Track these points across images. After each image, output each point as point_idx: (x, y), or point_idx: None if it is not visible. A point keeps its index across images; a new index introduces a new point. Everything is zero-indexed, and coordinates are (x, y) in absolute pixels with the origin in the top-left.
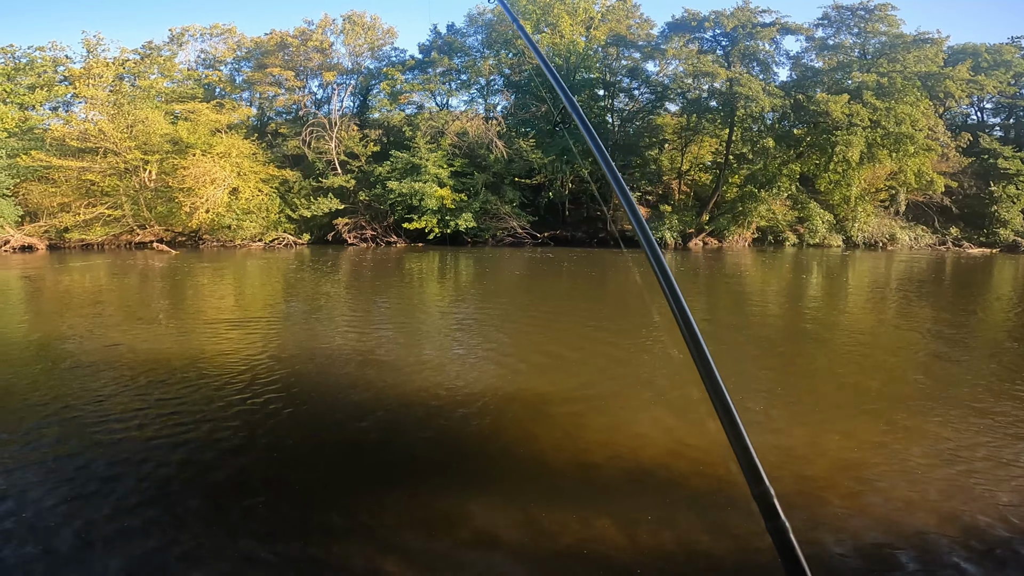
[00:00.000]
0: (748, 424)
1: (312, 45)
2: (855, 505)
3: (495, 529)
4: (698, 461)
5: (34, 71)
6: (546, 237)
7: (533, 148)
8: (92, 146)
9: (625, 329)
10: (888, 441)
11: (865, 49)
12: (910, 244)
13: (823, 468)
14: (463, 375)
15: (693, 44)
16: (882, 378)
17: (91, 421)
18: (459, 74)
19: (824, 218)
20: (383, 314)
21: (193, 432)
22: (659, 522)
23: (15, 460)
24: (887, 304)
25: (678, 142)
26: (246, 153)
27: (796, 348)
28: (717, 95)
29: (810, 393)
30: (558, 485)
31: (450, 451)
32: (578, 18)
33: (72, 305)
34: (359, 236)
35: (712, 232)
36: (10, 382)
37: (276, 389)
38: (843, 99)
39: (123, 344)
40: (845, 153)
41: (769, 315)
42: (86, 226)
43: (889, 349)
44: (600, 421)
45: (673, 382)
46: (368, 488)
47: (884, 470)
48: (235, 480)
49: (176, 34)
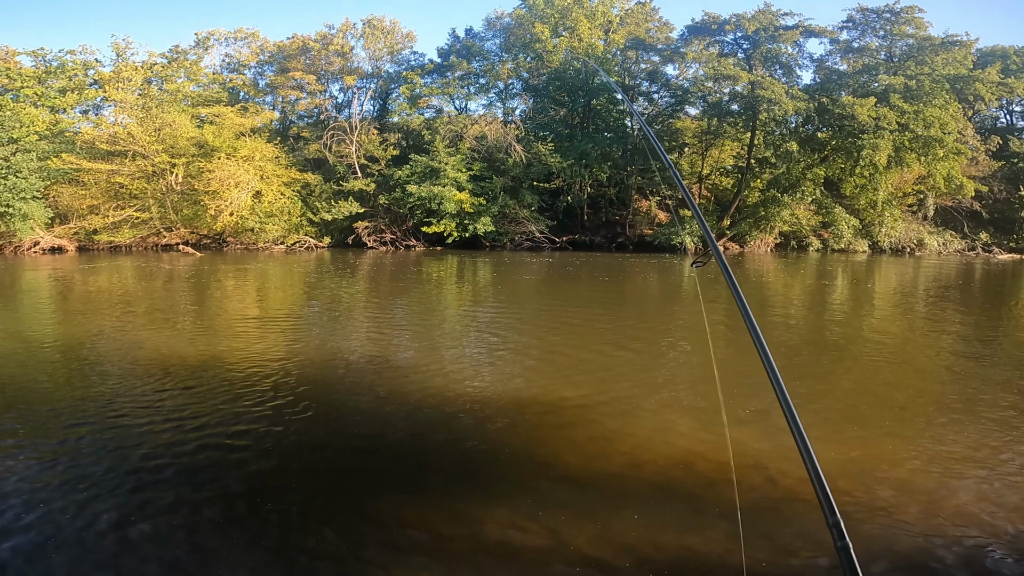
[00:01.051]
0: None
1: (333, 49)
2: (902, 518)
3: (516, 537)
4: (724, 470)
5: (65, 74)
6: (564, 241)
7: (552, 152)
8: (121, 149)
9: (646, 335)
10: (919, 451)
11: (892, 52)
12: (938, 250)
13: (858, 479)
14: (483, 380)
15: (713, 47)
16: (910, 389)
17: (112, 424)
18: (477, 78)
19: (850, 223)
20: (403, 318)
21: (212, 437)
22: (683, 532)
23: (32, 458)
24: (916, 311)
25: (698, 146)
26: (269, 156)
27: (822, 356)
28: (738, 98)
29: (839, 402)
30: (580, 493)
31: (471, 457)
32: (596, 22)
33: (99, 306)
34: (378, 240)
35: (733, 237)
36: (36, 381)
37: (296, 393)
38: (870, 102)
39: (147, 346)
40: (872, 157)
41: (792, 322)
42: (115, 228)
43: (917, 358)
44: (622, 428)
45: (696, 389)
46: (388, 493)
47: (922, 480)
48: (253, 485)
49: (202, 38)
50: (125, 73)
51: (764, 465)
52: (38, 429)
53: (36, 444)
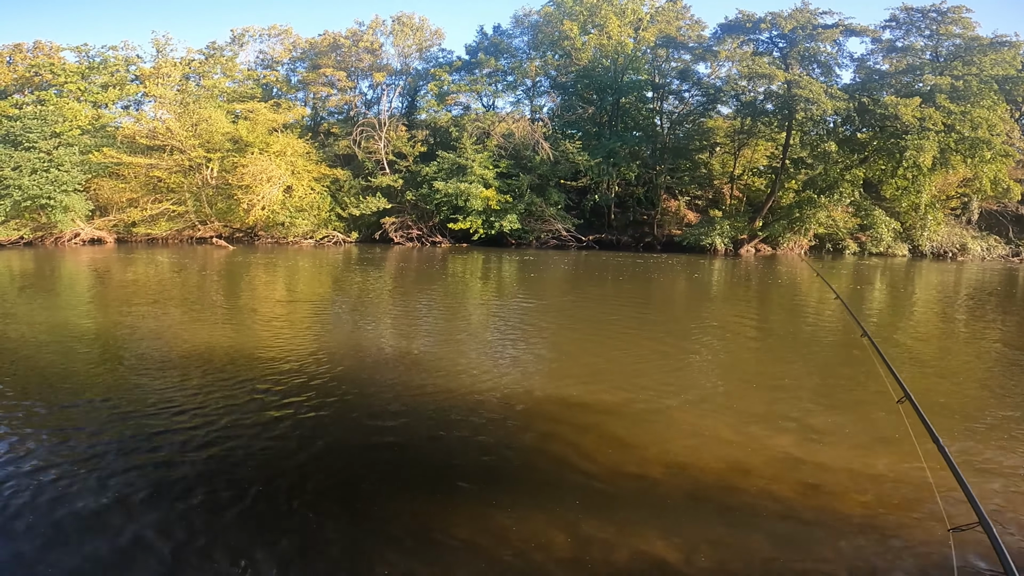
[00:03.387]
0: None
1: (363, 46)
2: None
3: (545, 545)
4: (760, 478)
5: (107, 70)
6: (591, 241)
7: (579, 150)
8: (160, 144)
9: (677, 336)
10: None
11: (937, 51)
12: (981, 255)
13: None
14: (510, 381)
15: (747, 46)
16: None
17: (139, 414)
18: (505, 75)
19: (890, 226)
20: (429, 315)
21: (239, 433)
22: (720, 544)
23: (55, 445)
24: (962, 317)
25: (731, 145)
26: (300, 152)
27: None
28: (774, 98)
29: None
30: (612, 500)
31: (499, 460)
32: (626, 19)
33: (137, 297)
34: (405, 235)
35: (765, 239)
36: (70, 370)
37: (322, 390)
38: (915, 102)
39: (180, 337)
40: (916, 158)
41: (832, 328)
42: (152, 221)
43: (962, 367)
44: (655, 433)
45: (730, 394)
46: (414, 495)
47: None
48: (277, 481)
49: (237, 34)
50: (164, 69)
51: (805, 473)
52: (73, 417)
53: (68, 430)
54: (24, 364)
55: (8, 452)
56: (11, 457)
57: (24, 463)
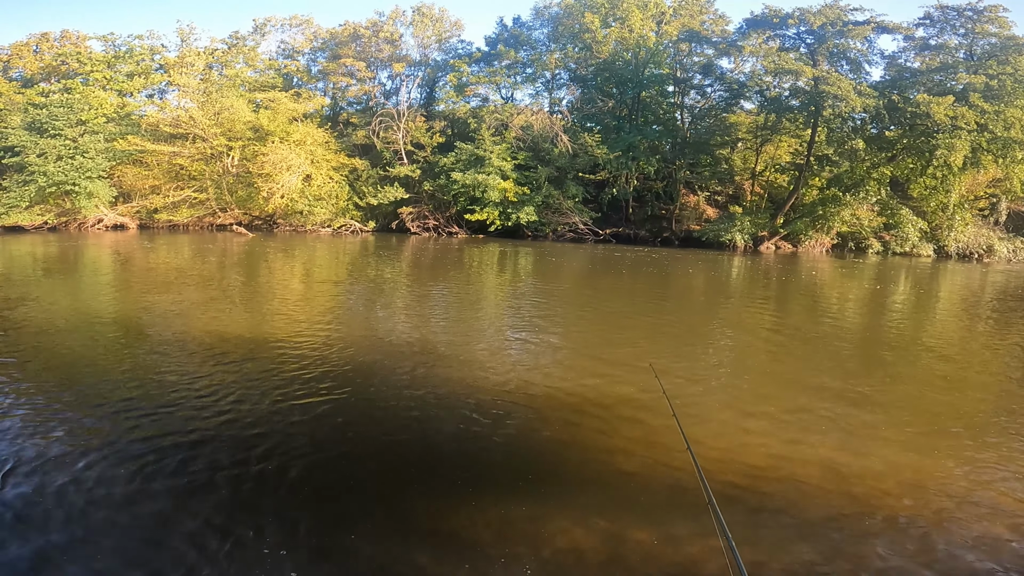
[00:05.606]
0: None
1: (383, 36)
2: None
3: (578, 546)
4: (797, 479)
5: (133, 59)
6: (608, 234)
7: (598, 144)
8: (183, 132)
9: (702, 333)
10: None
11: (972, 50)
12: (1008, 256)
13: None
14: (531, 374)
15: (773, 41)
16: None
17: (158, 401)
18: (525, 67)
19: (917, 225)
20: (447, 307)
21: (258, 425)
22: (751, 544)
23: (75, 431)
24: (986, 320)
25: (753, 141)
26: (319, 141)
27: (884, 364)
28: (800, 94)
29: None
30: (644, 500)
31: (525, 457)
32: (648, 13)
33: (156, 283)
34: (422, 225)
35: (786, 236)
36: (92, 353)
37: (341, 380)
38: (947, 100)
39: (199, 323)
40: (947, 157)
41: (851, 326)
42: (174, 208)
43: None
44: (687, 434)
45: (757, 392)
46: (436, 493)
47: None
48: (297, 479)
49: (259, 24)
50: (188, 58)
51: (846, 477)
52: (94, 399)
53: (89, 412)
54: (47, 347)
55: (31, 433)
56: (34, 439)
57: (48, 445)
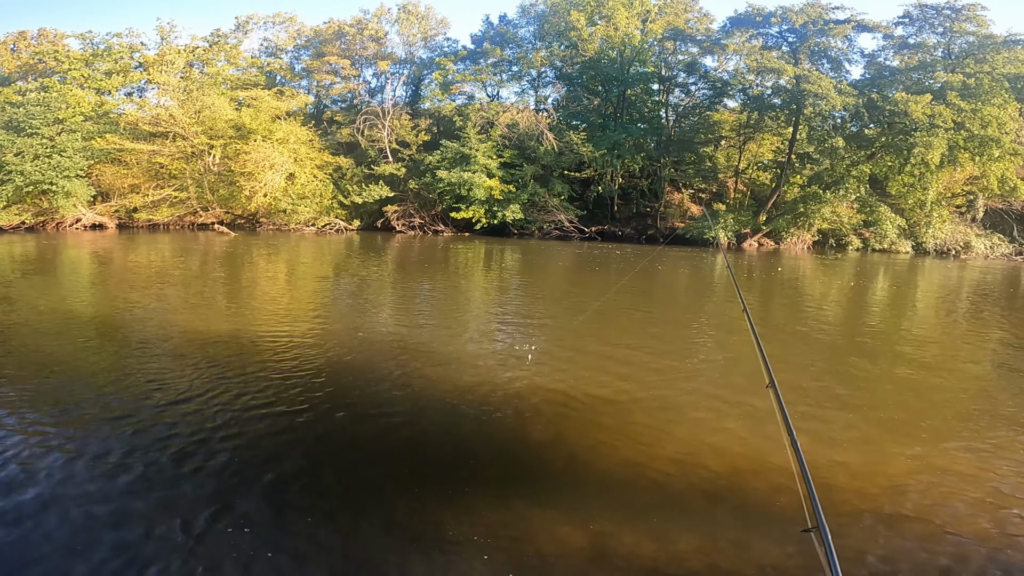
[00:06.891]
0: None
1: (368, 34)
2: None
3: (562, 547)
4: (777, 477)
5: (111, 57)
6: (593, 232)
7: (584, 141)
8: (162, 130)
9: (688, 331)
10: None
11: (950, 49)
12: (984, 253)
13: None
14: (519, 373)
15: (756, 39)
16: (941, 399)
17: (140, 402)
18: (510, 65)
19: (895, 222)
20: (434, 306)
21: (243, 426)
22: (738, 546)
23: (62, 432)
24: (967, 316)
25: (736, 139)
26: (303, 140)
27: (863, 360)
28: (782, 92)
29: (875, 408)
30: (628, 500)
31: (511, 457)
32: (634, 11)
33: (136, 282)
34: (407, 224)
35: (769, 233)
36: (71, 354)
37: (329, 381)
38: (925, 99)
39: (181, 324)
40: (924, 155)
41: (835, 322)
42: (154, 207)
43: (965, 367)
44: (670, 431)
45: (741, 393)
46: (426, 494)
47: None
48: (285, 479)
49: (242, 22)
50: (169, 56)
51: (825, 472)
52: (74, 400)
53: (68, 414)
54: (24, 349)
55: (11, 434)
56: (15, 440)
57: (26, 447)
